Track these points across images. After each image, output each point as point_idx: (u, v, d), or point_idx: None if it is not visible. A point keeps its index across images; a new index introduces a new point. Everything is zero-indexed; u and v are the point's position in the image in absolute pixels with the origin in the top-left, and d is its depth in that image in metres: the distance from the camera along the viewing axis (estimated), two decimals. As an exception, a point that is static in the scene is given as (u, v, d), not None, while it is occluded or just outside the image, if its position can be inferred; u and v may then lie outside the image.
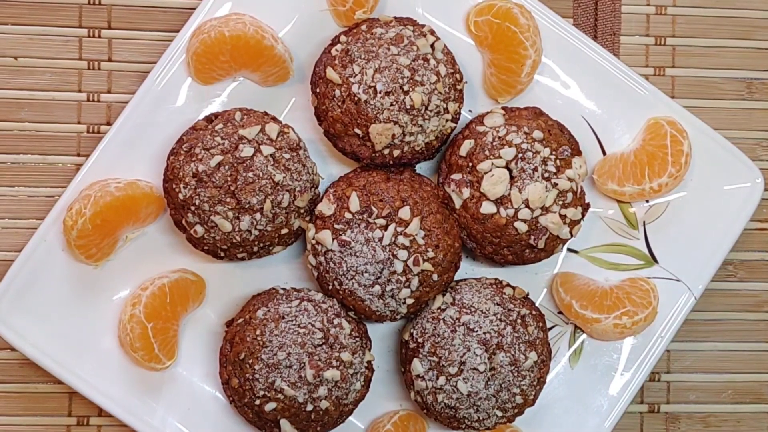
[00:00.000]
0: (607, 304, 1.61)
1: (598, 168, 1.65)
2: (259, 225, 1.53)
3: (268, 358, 1.51)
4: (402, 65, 1.53)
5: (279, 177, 1.52)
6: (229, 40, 1.55)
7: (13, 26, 1.66)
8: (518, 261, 1.59)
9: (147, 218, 1.59)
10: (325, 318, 1.54)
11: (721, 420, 1.74)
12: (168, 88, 1.60)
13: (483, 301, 1.56)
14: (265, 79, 1.62)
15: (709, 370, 1.74)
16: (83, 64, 1.67)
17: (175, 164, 1.54)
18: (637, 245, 1.66)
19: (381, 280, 1.54)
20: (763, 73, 1.74)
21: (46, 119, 1.67)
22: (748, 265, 1.74)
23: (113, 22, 1.68)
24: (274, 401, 1.52)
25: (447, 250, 1.56)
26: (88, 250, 1.56)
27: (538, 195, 1.54)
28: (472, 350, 1.54)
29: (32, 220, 1.66)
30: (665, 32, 1.74)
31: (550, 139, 1.57)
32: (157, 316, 1.56)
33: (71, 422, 1.67)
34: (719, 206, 1.65)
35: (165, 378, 1.61)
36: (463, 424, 1.57)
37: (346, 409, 1.57)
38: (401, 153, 1.56)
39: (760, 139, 1.74)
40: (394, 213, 1.54)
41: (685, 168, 1.61)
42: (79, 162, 1.66)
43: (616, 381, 1.65)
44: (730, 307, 1.74)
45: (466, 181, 1.57)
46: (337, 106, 1.55)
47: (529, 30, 1.60)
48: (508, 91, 1.63)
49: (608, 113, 1.66)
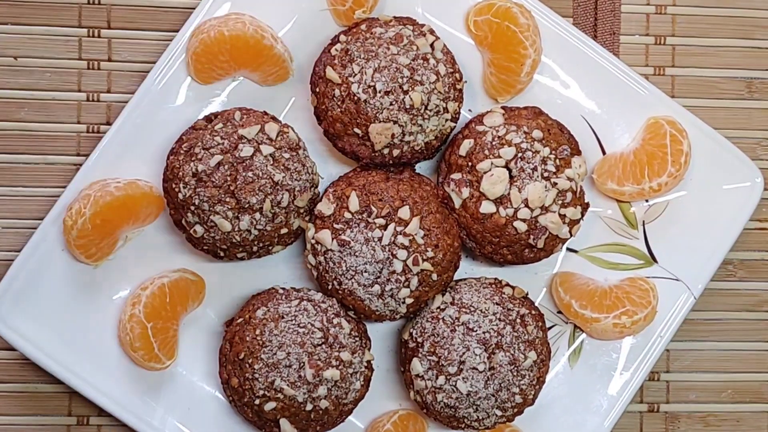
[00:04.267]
0: (607, 303, 1.61)
1: (598, 167, 1.65)
2: (259, 225, 1.53)
3: (267, 357, 1.51)
4: (401, 65, 1.53)
5: (278, 177, 1.52)
6: (229, 40, 1.55)
7: (13, 26, 1.66)
8: (518, 260, 1.59)
9: (147, 218, 1.59)
10: (324, 318, 1.54)
11: (720, 419, 1.74)
12: (167, 87, 1.60)
13: (482, 301, 1.56)
14: (264, 79, 1.62)
15: (708, 370, 1.74)
16: (83, 63, 1.67)
17: (175, 164, 1.54)
18: (637, 245, 1.66)
19: (380, 279, 1.54)
20: (763, 73, 1.74)
21: (45, 119, 1.67)
22: (747, 264, 1.74)
23: (113, 21, 1.68)
24: (274, 401, 1.52)
25: (446, 250, 1.56)
26: (88, 249, 1.56)
27: (537, 194, 1.54)
28: (472, 350, 1.54)
29: (32, 219, 1.66)
30: (665, 32, 1.74)
31: (550, 138, 1.57)
32: (156, 315, 1.56)
33: (71, 422, 1.67)
34: (719, 206, 1.65)
35: (165, 378, 1.61)
36: (462, 423, 1.57)
37: (345, 409, 1.57)
38: (401, 152, 1.56)
39: (760, 138, 1.74)
40: (393, 212, 1.54)
41: (684, 167, 1.61)
42: (78, 162, 1.66)
43: (615, 380, 1.65)
44: (729, 306, 1.74)
45: (465, 181, 1.56)
46: (337, 105, 1.55)
47: (528, 29, 1.60)
48: (507, 90, 1.63)
49: (608, 113, 1.66)
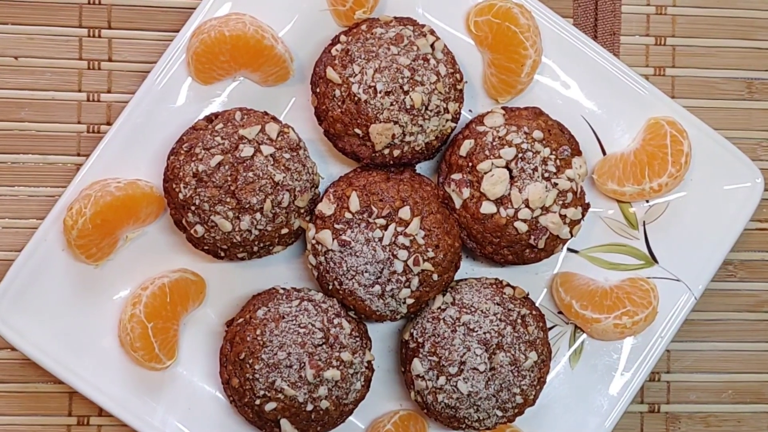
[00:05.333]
0: (607, 304, 1.61)
1: (598, 168, 1.65)
2: (259, 225, 1.53)
3: (268, 357, 1.51)
4: (402, 65, 1.53)
5: (279, 177, 1.52)
6: (229, 40, 1.55)
7: (13, 26, 1.66)
8: (518, 261, 1.59)
9: (147, 218, 1.59)
10: (325, 318, 1.54)
11: (721, 420, 1.74)
12: (168, 87, 1.60)
13: (483, 301, 1.56)
14: (265, 79, 1.62)
15: (709, 370, 1.74)
16: (83, 63, 1.67)
17: (176, 164, 1.54)
18: (637, 245, 1.66)
19: (381, 279, 1.54)
20: (763, 73, 1.74)
21: (46, 119, 1.67)
22: (748, 265, 1.74)
23: (113, 21, 1.67)
24: (275, 401, 1.52)
25: (447, 250, 1.56)
26: (89, 249, 1.56)
27: (538, 195, 1.54)
28: (473, 350, 1.54)
29: (32, 219, 1.66)
30: (665, 32, 1.74)
31: (550, 139, 1.57)
32: (157, 315, 1.56)
33: (71, 422, 1.67)
34: (719, 206, 1.65)
35: (165, 378, 1.61)
36: (463, 424, 1.57)
37: (346, 409, 1.57)
38: (401, 153, 1.56)
39: (760, 139, 1.74)
40: (394, 213, 1.54)
41: (685, 168, 1.61)
42: (79, 162, 1.66)
43: (616, 381, 1.65)
44: (730, 307, 1.74)
45: (466, 181, 1.56)
46: (337, 105, 1.55)
47: (529, 30, 1.60)
48: (508, 90, 1.63)
49: (608, 113, 1.66)
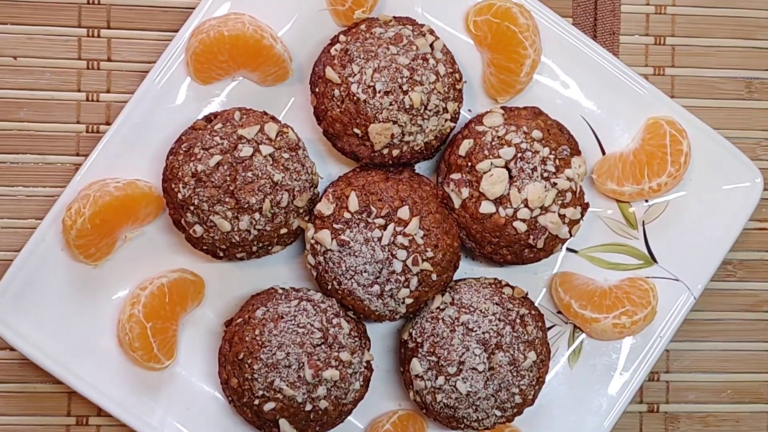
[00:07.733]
0: (607, 303, 1.61)
1: (598, 167, 1.65)
2: (258, 225, 1.52)
3: (267, 357, 1.51)
4: (401, 65, 1.53)
5: (278, 177, 1.52)
6: (228, 40, 1.55)
7: (12, 26, 1.66)
8: (517, 261, 1.59)
9: (146, 218, 1.59)
10: (324, 318, 1.54)
11: (720, 420, 1.74)
12: (167, 87, 1.60)
13: (482, 301, 1.56)
14: (264, 79, 1.61)
15: (708, 370, 1.74)
16: (82, 63, 1.67)
17: (174, 164, 1.53)
18: (637, 245, 1.66)
19: (380, 279, 1.54)
20: (763, 73, 1.74)
21: (45, 119, 1.67)
22: (747, 264, 1.74)
23: (112, 21, 1.67)
24: (273, 401, 1.52)
25: (446, 250, 1.56)
26: (87, 249, 1.56)
27: (537, 195, 1.54)
28: (471, 350, 1.54)
29: (31, 219, 1.66)
30: (665, 32, 1.74)
31: (550, 138, 1.57)
32: (156, 315, 1.56)
33: (70, 422, 1.67)
34: (719, 206, 1.65)
35: (164, 378, 1.61)
36: (462, 423, 1.57)
37: (345, 409, 1.57)
38: (400, 153, 1.56)
39: (760, 138, 1.74)
40: (393, 213, 1.54)
41: (684, 168, 1.61)
42: (78, 162, 1.66)
43: (615, 381, 1.65)
44: (729, 306, 1.74)
45: (465, 181, 1.56)
46: (336, 105, 1.55)
47: (528, 29, 1.60)
48: (507, 90, 1.63)
49: (607, 113, 1.66)
